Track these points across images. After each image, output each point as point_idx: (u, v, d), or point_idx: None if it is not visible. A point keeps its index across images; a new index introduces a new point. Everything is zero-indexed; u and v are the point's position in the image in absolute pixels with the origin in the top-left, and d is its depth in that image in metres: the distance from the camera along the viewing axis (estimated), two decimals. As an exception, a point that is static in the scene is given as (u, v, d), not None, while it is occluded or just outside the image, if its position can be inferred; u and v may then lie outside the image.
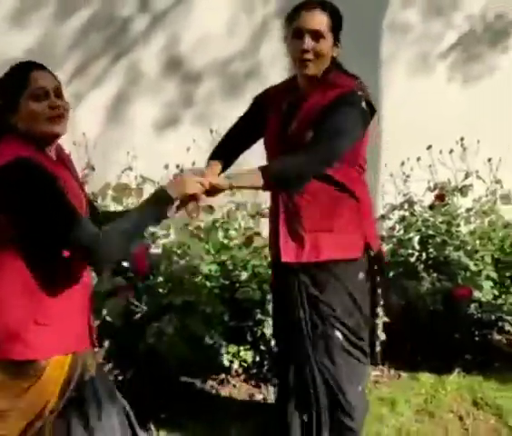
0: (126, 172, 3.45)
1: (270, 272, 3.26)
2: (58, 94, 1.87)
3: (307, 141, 2.16)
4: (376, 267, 2.42)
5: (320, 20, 2.15)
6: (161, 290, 3.15)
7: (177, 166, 3.55)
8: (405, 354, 3.40)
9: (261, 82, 3.66)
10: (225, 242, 3.53)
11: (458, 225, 4.00)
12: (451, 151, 4.09)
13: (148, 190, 3.51)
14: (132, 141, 3.40)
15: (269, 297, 3.16)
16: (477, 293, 3.57)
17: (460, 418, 2.93)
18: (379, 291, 2.49)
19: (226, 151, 2.49)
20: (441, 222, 3.89)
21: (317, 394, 2.37)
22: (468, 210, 4.16)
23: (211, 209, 3.60)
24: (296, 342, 2.39)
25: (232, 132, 2.54)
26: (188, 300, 3.04)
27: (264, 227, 3.44)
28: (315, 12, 2.16)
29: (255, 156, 2.38)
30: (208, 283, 3.30)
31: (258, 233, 3.30)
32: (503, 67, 4.16)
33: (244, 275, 3.31)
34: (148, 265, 3.11)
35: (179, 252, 3.39)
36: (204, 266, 3.34)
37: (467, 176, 4.17)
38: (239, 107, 3.63)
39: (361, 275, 2.34)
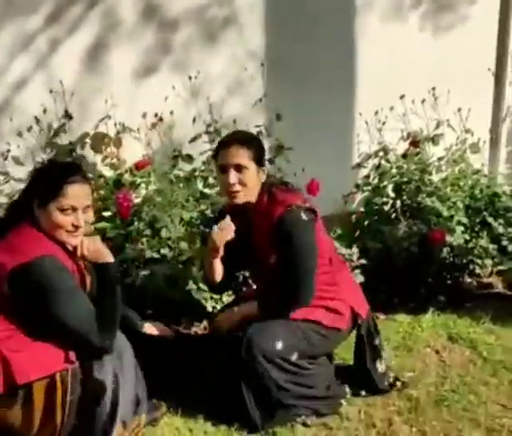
0: (105, 120, 3.41)
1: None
2: (86, 209, 2.06)
3: (275, 264, 2.45)
4: (368, 329, 2.63)
5: (239, 154, 2.40)
6: (144, 238, 3.16)
7: (155, 115, 3.54)
8: (382, 297, 3.50)
9: (239, 29, 3.66)
10: (205, 190, 3.56)
11: (431, 173, 4.11)
12: (423, 100, 4.18)
13: (127, 139, 3.50)
14: (111, 89, 3.34)
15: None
16: (449, 238, 3.70)
17: (437, 352, 3.05)
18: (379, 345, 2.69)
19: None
20: (414, 170, 4.00)
21: None
22: (440, 158, 4.29)
23: (190, 159, 3.63)
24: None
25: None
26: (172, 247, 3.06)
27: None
28: (232, 148, 2.41)
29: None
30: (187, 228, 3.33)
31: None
32: (473, 17, 4.24)
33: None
34: (130, 211, 3.11)
35: (158, 199, 3.39)
36: (185, 214, 3.36)
37: (438, 125, 4.29)
38: (216, 54, 3.65)
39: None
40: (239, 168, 2.40)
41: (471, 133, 4.32)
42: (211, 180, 3.53)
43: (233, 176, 2.39)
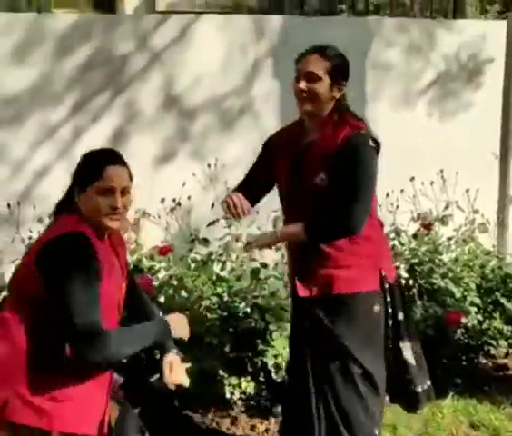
0: (124, 206, 3.47)
1: (269, 302, 3.36)
2: (125, 191, 1.96)
3: (320, 184, 2.30)
4: (393, 298, 2.46)
5: (315, 64, 2.31)
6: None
7: (173, 200, 3.61)
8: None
9: (254, 118, 3.79)
10: (222, 274, 3.59)
11: (441, 253, 4.17)
12: (432, 182, 4.28)
13: (145, 224, 3.56)
14: (130, 176, 3.43)
15: (271, 327, 3.22)
16: (463, 319, 3.72)
17: (460, 440, 3.02)
18: (404, 322, 2.51)
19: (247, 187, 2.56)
20: (426, 251, 4.05)
21: (320, 429, 2.40)
22: (449, 238, 4.35)
23: (206, 242, 3.67)
24: (305, 375, 2.43)
25: (247, 180, 2.62)
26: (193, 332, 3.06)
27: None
28: (312, 56, 2.33)
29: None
30: (208, 315, 3.34)
31: (264, 265, 3.36)
32: (477, 103, 4.39)
33: (244, 306, 3.36)
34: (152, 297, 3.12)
35: (175, 284, 3.42)
36: (204, 300, 3.37)
37: (447, 206, 4.38)
38: (233, 142, 3.76)
39: (376, 308, 2.40)
40: (311, 76, 2.30)
41: (479, 213, 4.41)
42: (228, 264, 3.56)
43: (303, 83, 2.30)
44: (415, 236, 4.17)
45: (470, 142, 4.27)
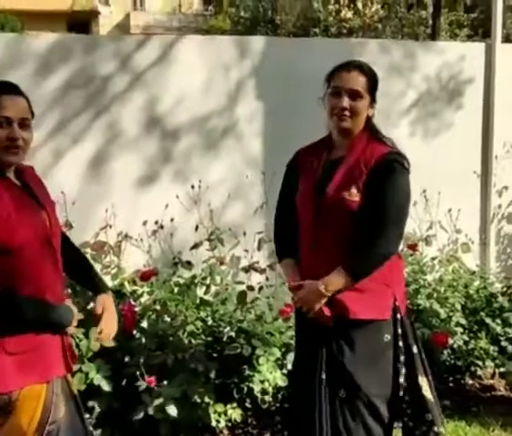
0: (105, 229, 3.40)
1: (255, 327, 3.29)
2: (23, 124, 1.84)
3: (348, 198, 2.21)
4: (404, 331, 2.35)
5: (358, 81, 2.25)
6: (148, 349, 3.07)
7: (155, 222, 3.54)
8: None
9: (238, 138, 3.74)
10: (206, 297, 3.51)
11: (425, 273, 4.16)
12: (415, 203, 4.27)
13: (127, 247, 3.48)
14: (112, 198, 3.36)
15: (257, 352, 3.15)
16: (449, 340, 3.70)
17: (452, 464, 2.97)
18: (418, 355, 2.40)
19: (290, 238, 2.44)
20: (411, 272, 4.03)
21: None
22: (433, 258, 4.35)
23: (189, 265, 3.60)
24: (310, 401, 2.31)
25: (283, 208, 2.49)
26: (178, 358, 2.98)
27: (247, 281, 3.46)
28: (354, 73, 2.26)
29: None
30: (193, 340, 3.26)
31: (251, 288, 3.30)
32: (458, 123, 4.41)
33: (228, 331, 3.28)
34: (134, 324, 3.04)
35: (158, 308, 3.34)
36: (188, 325, 3.29)
37: (430, 226, 4.38)
38: (216, 163, 3.71)
39: (387, 338, 2.30)
40: (354, 94, 2.24)
41: (462, 233, 4.41)
42: (212, 288, 3.49)
43: (346, 100, 2.23)
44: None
45: (452, 161, 4.28)
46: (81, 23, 24.42)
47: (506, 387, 3.89)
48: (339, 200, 2.23)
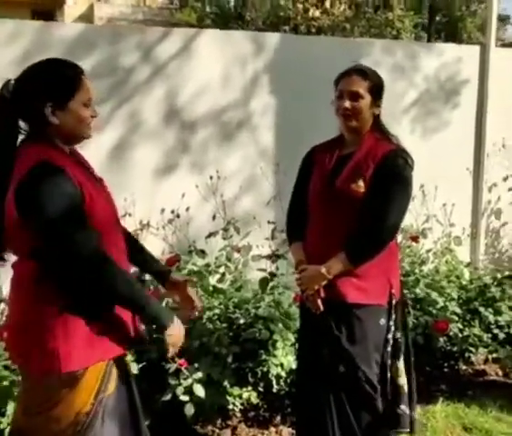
0: (125, 217, 3.47)
1: (271, 312, 3.43)
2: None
3: (355, 189, 2.41)
4: (396, 316, 2.56)
5: (358, 83, 2.48)
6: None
7: (172, 211, 3.63)
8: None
9: (251, 131, 3.86)
10: (220, 285, 3.62)
11: (421, 264, 4.37)
12: (413, 197, 4.47)
13: (145, 236, 3.56)
14: (132, 187, 3.44)
15: (275, 336, 3.28)
16: (445, 327, 3.91)
17: (458, 442, 3.18)
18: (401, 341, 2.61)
19: (301, 225, 2.64)
20: (410, 263, 4.24)
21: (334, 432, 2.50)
22: (428, 251, 4.56)
23: (203, 254, 3.71)
24: (315, 382, 2.53)
25: (297, 197, 2.70)
26: (203, 342, 3.10)
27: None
28: (354, 77, 2.50)
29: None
30: (211, 326, 3.37)
31: (273, 274, 3.43)
32: (454, 121, 4.63)
33: (246, 316, 3.41)
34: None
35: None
36: (205, 311, 3.40)
37: (427, 220, 4.59)
38: (231, 154, 3.82)
39: (382, 322, 2.52)
40: (354, 96, 2.46)
41: (455, 226, 4.64)
42: (227, 275, 3.61)
43: (347, 102, 2.45)
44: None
45: (448, 157, 4.50)
46: (45, 12, 23.79)
47: (497, 371, 4.13)
48: (346, 190, 2.44)
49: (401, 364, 2.62)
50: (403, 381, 2.62)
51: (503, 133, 4.70)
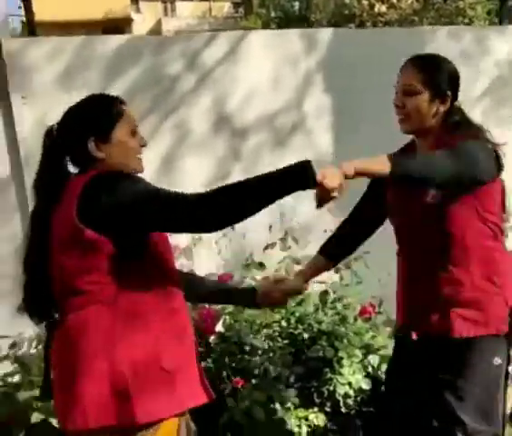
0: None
1: (336, 328, 3.18)
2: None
3: (430, 201, 2.02)
4: None
5: (409, 76, 2.05)
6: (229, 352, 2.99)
7: (226, 224, 3.46)
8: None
9: (307, 134, 3.64)
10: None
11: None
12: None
13: (198, 250, 3.40)
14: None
15: (340, 354, 3.03)
16: None
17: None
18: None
19: (343, 239, 2.38)
20: None
21: None
22: None
23: (261, 266, 3.51)
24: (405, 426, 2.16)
25: (353, 217, 2.36)
26: (261, 362, 2.89)
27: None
28: (406, 69, 2.08)
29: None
30: (271, 344, 3.16)
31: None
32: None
33: (309, 333, 3.18)
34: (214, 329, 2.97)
35: (231, 310, 3.26)
36: (264, 328, 3.20)
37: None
38: (286, 161, 3.60)
39: (497, 361, 1.98)
40: (407, 91, 2.04)
41: None
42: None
43: (398, 98, 2.05)
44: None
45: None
46: (115, 30, 24.83)
47: None
48: (423, 205, 2.03)
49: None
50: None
51: None
